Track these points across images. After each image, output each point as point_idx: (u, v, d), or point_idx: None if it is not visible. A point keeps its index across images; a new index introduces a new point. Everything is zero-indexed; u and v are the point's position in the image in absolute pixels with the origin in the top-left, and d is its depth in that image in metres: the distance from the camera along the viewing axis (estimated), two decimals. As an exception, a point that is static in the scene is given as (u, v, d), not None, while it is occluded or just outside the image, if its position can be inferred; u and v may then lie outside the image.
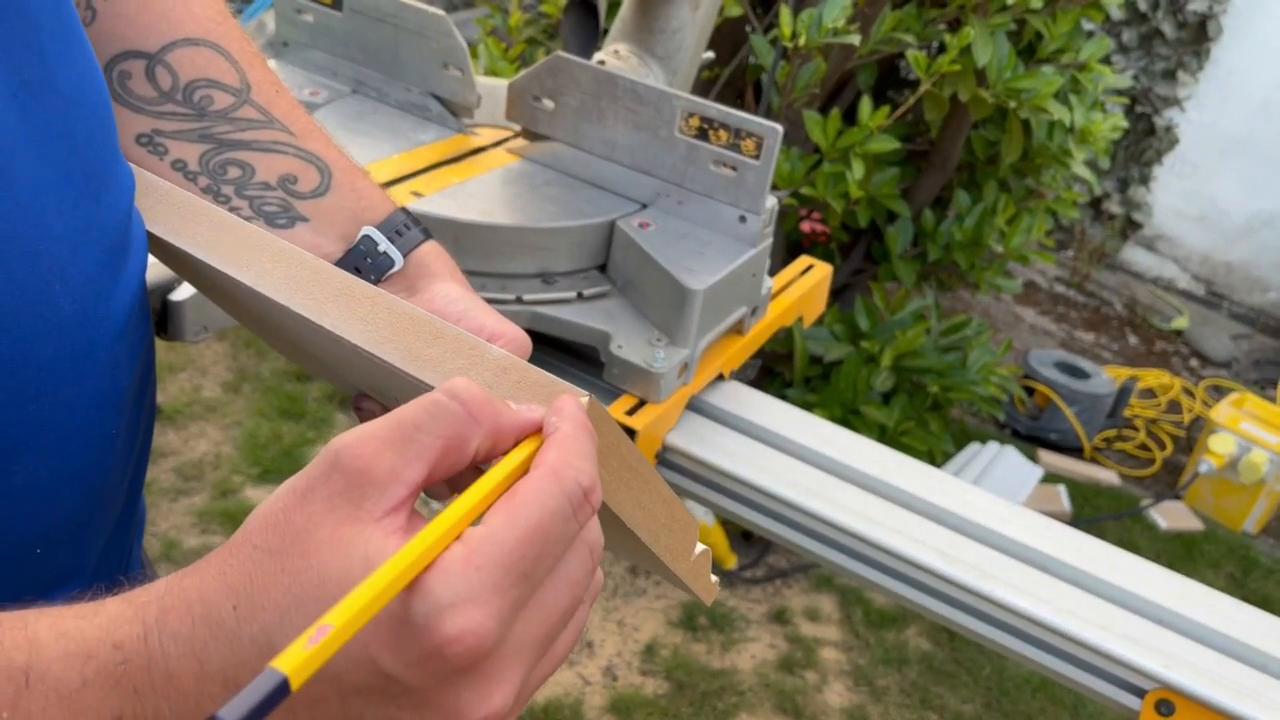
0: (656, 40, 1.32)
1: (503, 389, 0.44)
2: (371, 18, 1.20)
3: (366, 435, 0.37)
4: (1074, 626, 0.91)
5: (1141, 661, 0.89)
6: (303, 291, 0.50)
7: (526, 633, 0.37)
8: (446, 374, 0.45)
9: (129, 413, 0.57)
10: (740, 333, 1.13)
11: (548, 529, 0.37)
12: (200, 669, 0.36)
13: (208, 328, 0.89)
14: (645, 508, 0.48)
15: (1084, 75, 2.01)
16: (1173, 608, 0.94)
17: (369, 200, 0.65)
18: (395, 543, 0.36)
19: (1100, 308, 3.58)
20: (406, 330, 0.48)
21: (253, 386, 2.50)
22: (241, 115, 0.62)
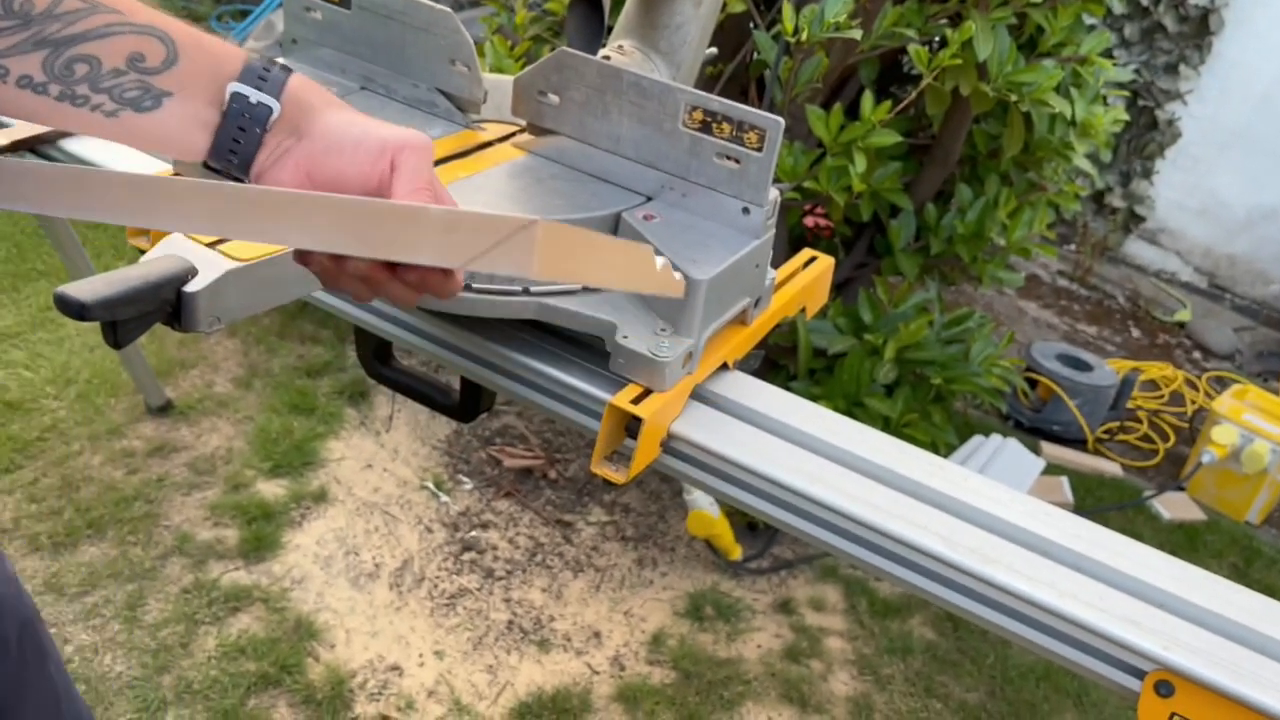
0: (660, 36, 1.34)
1: (456, 243, 0.49)
2: (379, 15, 1.22)
3: None
4: (1074, 609, 0.93)
5: (1141, 643, 0.91)
6: (229, 219, 0.53)
7: None
8: (399, 248, 0.51)
9: None
10: (744, 323, 1.14)
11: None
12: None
13: (221, 319, 0.90)
14: (610, 266, 0.61)
15: (1085, 69, 2.03)
16: (1172, 591, 0.95)
17: (220, 56, 0.64)
18: None
19: (1103, 301, 3.59)
20: (346, 221, 0.51)
21: (264, 382, 2.52)
22: (64, 9, 0.59)
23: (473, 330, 1.12)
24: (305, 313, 2.78)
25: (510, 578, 2.18)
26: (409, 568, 2.15)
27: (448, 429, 2.54)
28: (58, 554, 2.02)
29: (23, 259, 2.82)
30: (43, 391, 2.40)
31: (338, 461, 2.37)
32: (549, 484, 2.45)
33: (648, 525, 2.37)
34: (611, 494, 2.44)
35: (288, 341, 2.69)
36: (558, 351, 1.12)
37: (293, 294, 0.96)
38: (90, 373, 2.47)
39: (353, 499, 2.28)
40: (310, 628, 1.97)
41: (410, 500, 2.32)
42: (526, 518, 2.34)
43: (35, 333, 2.57)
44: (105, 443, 2.29)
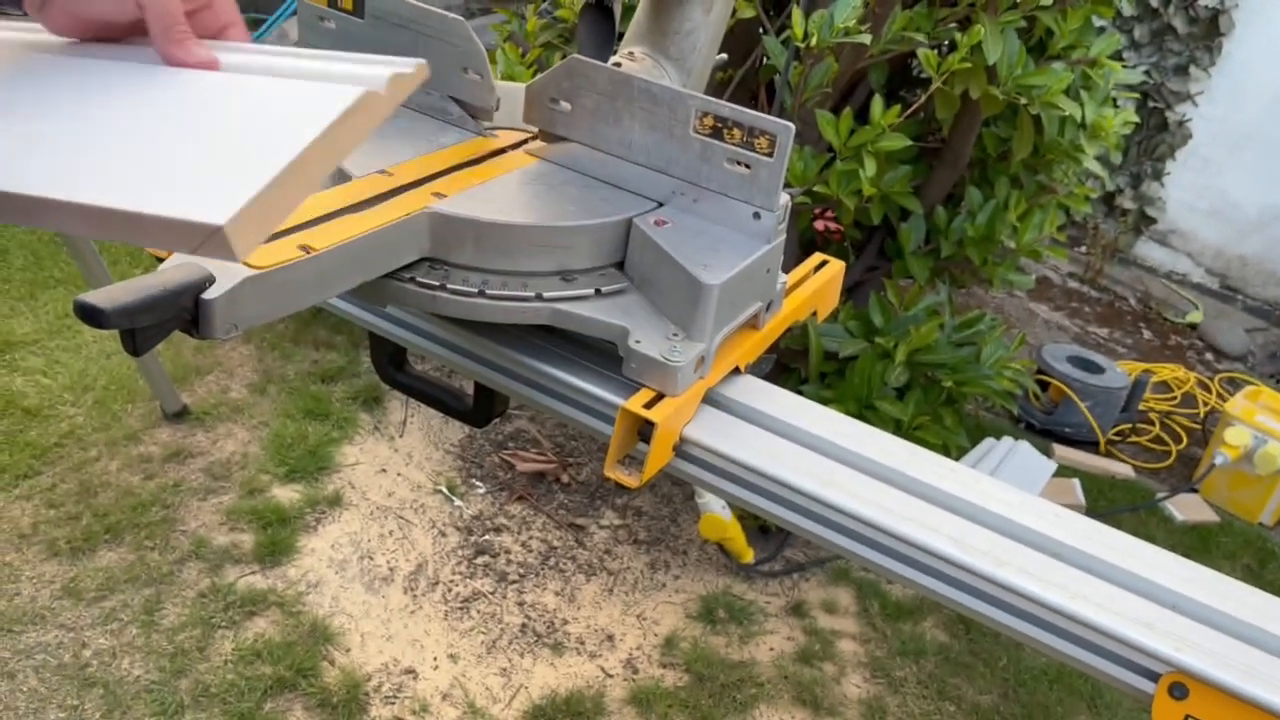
0: (670, 42, 1.35)
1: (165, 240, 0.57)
2: (392, 23, 1.23)
3: None
4: (1087, 611, 0.93)
5: (1153, 645, 0.91)
6: None
7: None
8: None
9: None
10: (756, 327, 1.15)
11: None
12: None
13: (238, 325, 0.91)
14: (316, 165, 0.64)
15: (1095, 71, 2.03)
16: (1185, 593, 0.95)
17: None
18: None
19: (1114, 303, 3.58)
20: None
21: (278, 388, 2.54)
22: None
23: (486, 335, 1.13)
24: (319, 319, 2.80)
25: (523, 581, 2.19)
26: (423, 571, 2.16)
27: (461, 434, 2.56)
28: (76, 559, 2.04)
29: (40, 267, 2.85)
30: (60, 398, 2.42)
31: (352, 466, 2.39)
32: (561, 488, 2.46)
33: (660, 529, 2.38)
34: (624, 498, 2.45)
35: (302, 347, 2.71)
36: (570, 356, 1.13)
37: (308, 301, 0.97)
38: (107, 379, 2.49)
39: (367, 503, 2.30)
40: (325, 631, 1.98)
41: (424, 504, 2.33)
42: (539, 521, 2.35)
43: (53, 340, 2.59)
44: (122, 448, 2.31)
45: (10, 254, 2.87)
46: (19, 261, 2.86)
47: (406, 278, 1.04)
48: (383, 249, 1.00)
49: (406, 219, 1.01)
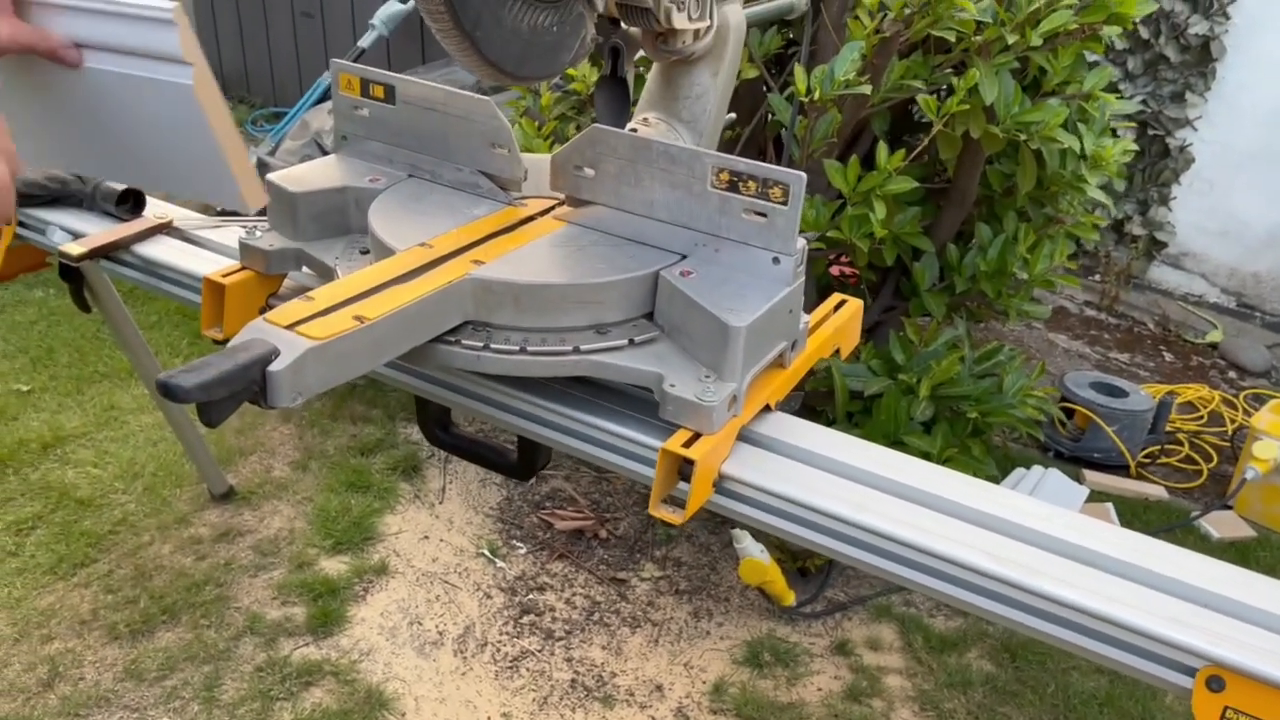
0: (682, 106, 1.43)
1: None
2: (422, 107, 1.32)
3: None
4: (1123, 614, 0.97)
5: (1189, 640, 0.94)
6: None
7: None
8: None
9: None
10: (782, 366, 1.21)
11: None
12: None
13: (301, 394, 0.98)
14: None
15: (1090, 104, 2.10)
16: (1216, 590, 0.99)
17: None
18: None
19: (1133, 328, 3.62)
20: None
21: (320, 463, 2.61)
22: None
23: (528, 390, 1.20)
24: (355, 394, 2.88)
25: (570, 637, 2.22)
26: (471, 633, 2.21)
27: (499, 496, 2.61)
28: (135, 641, 2.10)
29: (84, 363, 2.95)
30: (112, 487, 2.50)
31: (395, 535, 2.44)
32: (600, 543, 2.50)
33: (700, 577, 2.41)
34: (663, 549, 2.49)
35: (340, 423, 2.78)
36: (608, 405, 1.19)
37: (363, 367, 1.04)
38: (155, 466, 2.57)
39: (413, 570, 2.35)
40: (380, 698, 2.02)
41: (468, 568, 2.38)
42: (581, 578, 2.39)
43: (101, 431, 2.68)
44: (174, 532, 2.38)
45: (56, 352, 2.97)
46: (64, 359, 2.96)
47: (452, 340, 1.11)
48: (430, 315, 1.08)
49: (450, 286, 1.08)
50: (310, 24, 4.36)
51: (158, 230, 1.52)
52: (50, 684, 2.00)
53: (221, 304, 1.27)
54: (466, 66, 1.12)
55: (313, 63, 4.35)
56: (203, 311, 1.29)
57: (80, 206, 1.61)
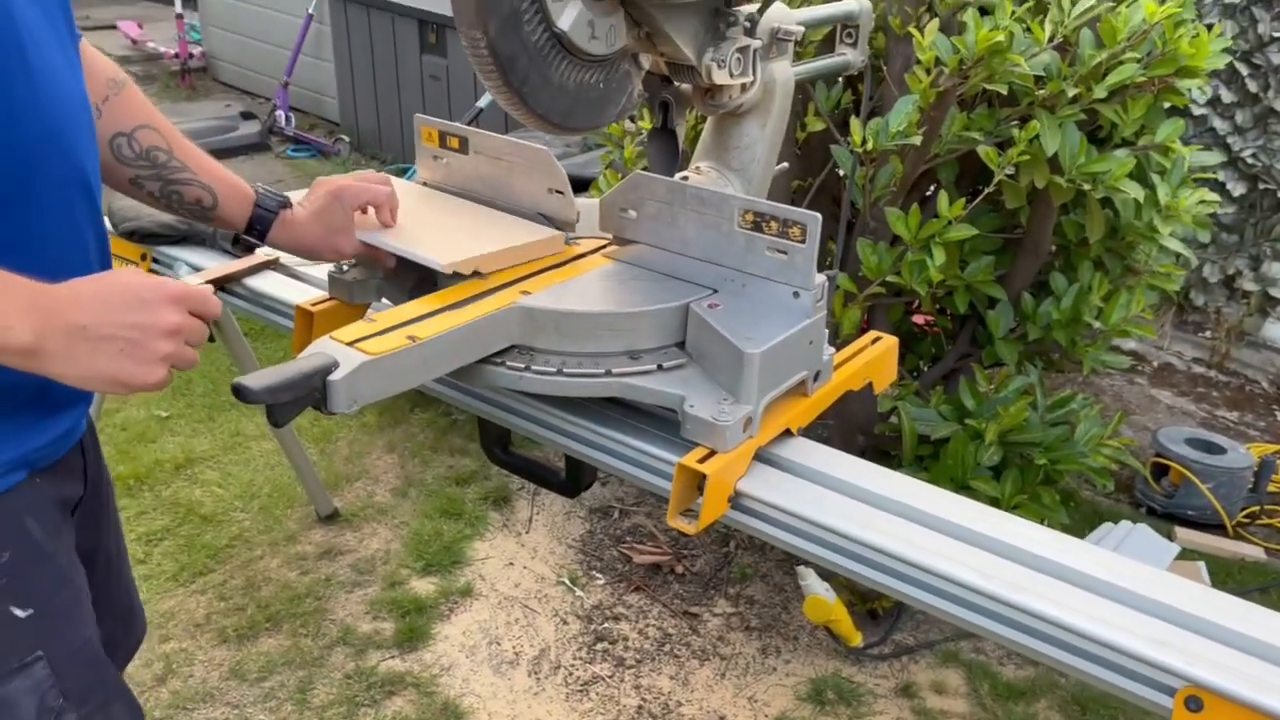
0: (732, 155, 1.54)
1: None
2: (491, 156, 1.47)
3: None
4: (1107, 633, 1.01)
5: (1168, 661, 0.98)
6: None
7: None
8: None
9: (93, 197, 1.08)
10: (805, 394, 1.29)
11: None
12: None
13: (356, 401, 1.12)
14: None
15: (1167, 156, 2.11)
16: (1201, 615, 1.02)
17: (241, 187, 1.30)
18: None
19: (1244, 386, 3.50)
20: None
21: (418, 491, 2.78)
22: (171, 164, 1.24)
23: (569, 411, 1.31)
24: (455, 428, 3.05)
25: (640, 666, 2.31)
26: (546, 656, 2.31)
27: (582, 529, 2.73)
28: (241, 645, 2.28)
29: (218, 393, 3.22)
30: (232, 505, 2.72)
31: (483, 560, 2.58)
32: (676, 578, 2.58)
33: (771, 615, 2.46)
34: (736, 587, 2.55)
35: (440, 454, 2.96)
36: (639, 425, 1.29)
37: (413, 382, 1.18)
38: (270, 488, 2.78)
39: (496, 594, 2.48)
40: (456, 710, 2.14)
41: (548, 595, 2.50)
42: (655, 610, 2.47)
43: (227, 455, 2.93)
44: (282, 548, 2.58)
45: (194, 383, 3.25)
46: (200, 389, 3.24)
47: (499, 362, 1.24)
48: (477, 338, 1.21)
49: (498, 312, 1.22)
50: (437, 86, 4.67)
51: (265, 266, 1.71)
52: (164, 679, 2.20)
53: (310, 329, 1.43)
54: (517, 117, 1.26)
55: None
56: (294, 336, 1.46)
57: (204, 245, 1.83)
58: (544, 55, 1.20)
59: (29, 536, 1.04)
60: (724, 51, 1.37)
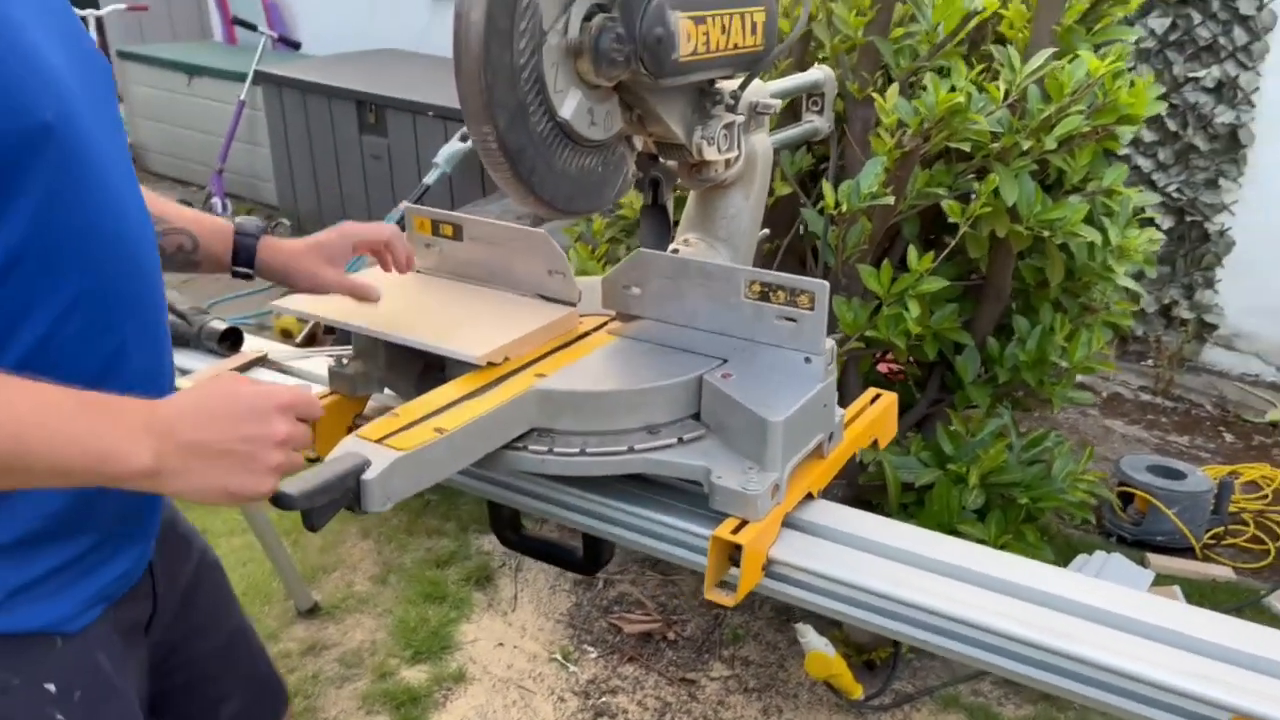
0: (719, 226, 1.58)
1: None
2: (486, 242, 1.48)
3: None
4: (1148, 671, 1.04)
5: (1211, 693, 1.01)
6: None
7: None
8: None
9: (163, 303, 1.10)
10: (821, 456, 1.31)
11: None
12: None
13: (390, 498, 1.11)
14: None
15: (1112, 198, 2.21)
16: (1235, 646, 1.06)
17: (217, 223, 1.32)
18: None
19: (1190, 410, 3.63)
20: None
21: (398, 576, 2.73)
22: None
23: (587, 489, 1.32)
24: (429, 509, 3.01)
25: (643, 738, 2.28)
26: (547, 737, 2.27)
27: (568, 602, 2.70)
28: (230, 753, 2.20)
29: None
30: (205, 607, 2.64)
31: (472, 643, 2.54)
32: (669, 645, 2.57)
33: (769, 675, 2.46)
34: (730, 649, 2.54)
35: (416, 537, 2.92)
36: (661, 499, 1.30)
37: (443, 473, 1.17)
38: (245, 585, 2.71)
39: (489, 677, 2.44)
40: (463, 801, 2.09)
41: (541, 673, 2.46)
42: (652, 679, 2.45)
43: (194, 555, 2.84)
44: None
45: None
46: (159, 488, 3.16)
47: (520, 446, 1.24)
48: (500, 424, 1.21)
49: (518, 397, 1.22)
50: (379, 165, 4.68)
51: (255, 363, 1.69)
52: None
53: (314, 426, 1.42)
54: (523, 205, 1.28)
55: (381, 200, 4.65)
56: (297, 432, 1.44)
57: (187, 346, 1.80)
58: (549, 144, 1.23)
59: (100, 672, 1.03)
60: (712, 129, 1.42)
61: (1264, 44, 3.42)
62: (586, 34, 1.20)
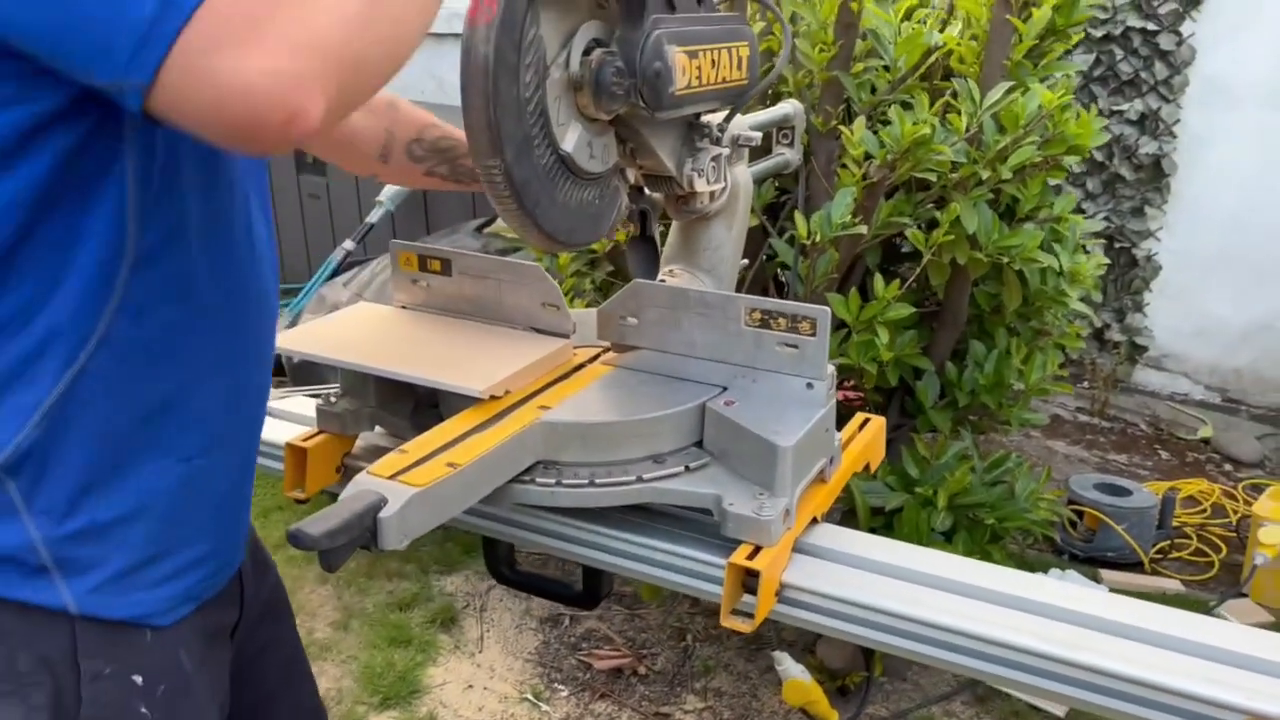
0: (702, 257, 1.59)
1: None
2: (475, 276, 1.47)
3: None
4: (1165, 679, 1.07)
5: (1228, 698, 1.04)
6: None
7: None
8: None
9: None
10: (824, 480, 1.33)
11: None
12: None
13: (406, 535, 1.09)
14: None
15: (1061, 226, 2.29)
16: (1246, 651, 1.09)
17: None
18: None
19: (1126, 429, 3.76)
20: None
21: (360, 621, 2.67)
22: (455, 148, 1.41)
23: (590, 521, 1.31)
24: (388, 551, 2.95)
25: (621, 775, 2.25)
26: (524, 779, 2.23)
27: (535, 641, 2.67)
28: (195, 813, 2.11)
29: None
30: (157, 661, 2.54)
31: (440, 686, 2.49)
32: (640, 680, 2.55)
33: (743, 705, 2.46)
34: (702, 680, 2.53)
35: (376, 580, 2.85)
36: (665, 528, 1.30)
37: (457, 508, 1.15)
38: (199, 637, 2.62)
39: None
40: None
41: (513, 714, 2.42)
42: (625, 715, 2.43)
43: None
44: (222, 700, 2.42)
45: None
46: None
47: (528, 480, 1.23)
48: (509, 458, 1.20)
49: (525, 430, 1.21)
50: (317, 204, 4.61)
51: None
52: None
53: (304, 466, 1.39)
54: (525, 238, 1.27)
55: (320, 240, 4.58)
56: (285, 474, 1.40)
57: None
58: (551, 178, 1.23)
59: (183, 671, 1.04)
60: (701, 161, 1.43)
61: (1184, 78, 3.59)
62: (587, 68, 1.21)
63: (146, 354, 0.93)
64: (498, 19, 1.06)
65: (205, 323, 0.99)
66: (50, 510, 0.92)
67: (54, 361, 0.87)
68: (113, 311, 0.89)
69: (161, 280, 0.92)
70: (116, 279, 0.88)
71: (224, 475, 1.07)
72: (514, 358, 1.33)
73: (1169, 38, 3.55)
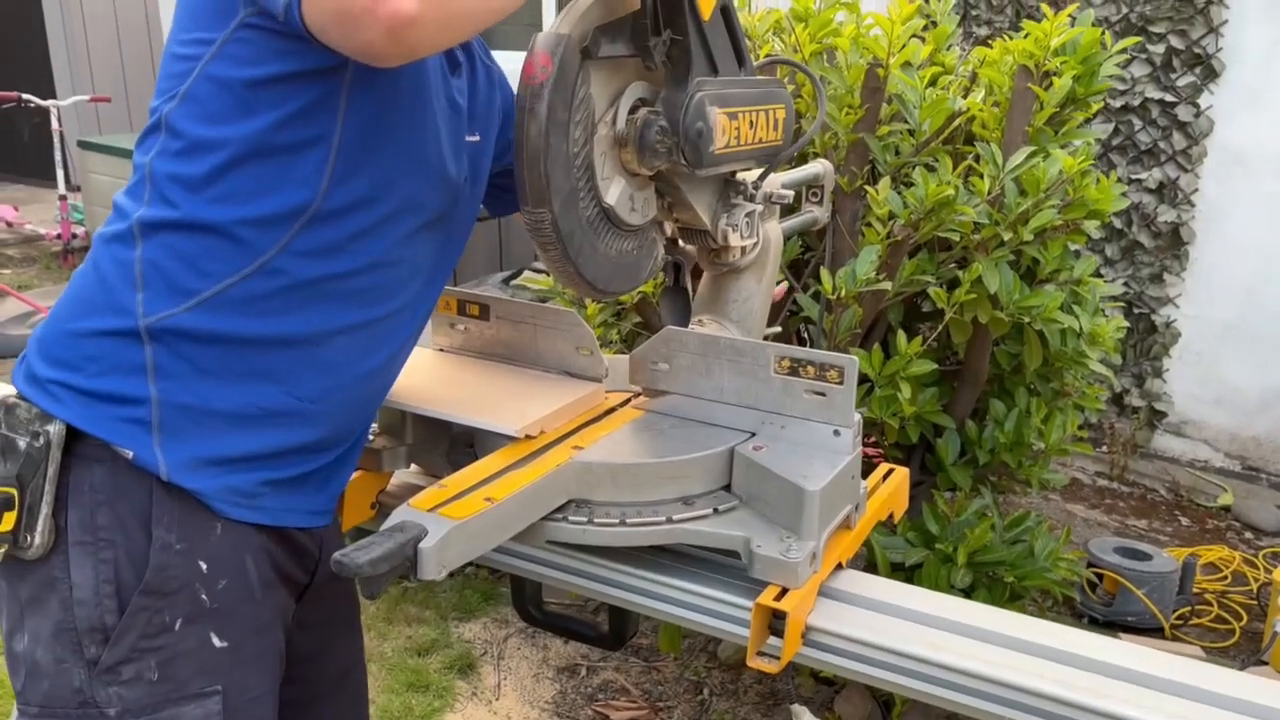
0: (732, 308, 1.64)
1: None
2: (513, 320, 1.52)
3: None
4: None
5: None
6: None
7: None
8: None
9: None
10: (849, 527, 1.36)
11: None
12: None
13: (445, 567, 1.12)
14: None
15: (1081, 288, 2.33)
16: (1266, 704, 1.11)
17: None
18: None
19: (1145, 495, 3.75)
20: None
21: (378, 665, 2.68)
22: None
23: (618, 561, 1.33)
24: (408, 596, 2.97)
25: (636, 827, 2.24)
26: (539, 828, 2.22)
27: (553, 690, 2.67)
28: None
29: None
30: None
31: (457, 733, 2.49)
32: (657, 732, 2.54)
33: (758, 760, 2.45)
34: (718, 734, 2.53)
35: (396, 625, 2.87)
36: (692, 570, 1.32)
37: (493, 542, 1.19)
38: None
39: (476, 767, 2.39)
40: None
41: (529, 762, 2.42)
42: (641, 767, 2.42)
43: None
44: (240, 740, 2.42)
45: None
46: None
47: (560, 518, 1.26)
48: (543, 495, 1.24)
49: (559, 469, 1.25)
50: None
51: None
52: None
53: (340, 502, 1.43)
54: (567, 285, 1.32)
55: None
56: (322, 510, 1.44)
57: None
58: (594, 228, 1.28)
59: (246, 575, 1.13)
60: (736, 217, 1.49)
61: (1202, 148, 3.65)
62: (632, 126, 1.27)
63: (291, 295, 1.09)
64: (552, 78, 1.12)
65: (347, 300, 1.15)
66: (171, 379, 1.07)
67: (222, 265, 1.06)
68: (280, 247, 1.07)
69: (324, 245, 1.10)
70: (295, 223, 1.07)
71: (327, 430, 1.18)
72: (548, 400, 1.37)
73: (1187, 109, 3.62)
